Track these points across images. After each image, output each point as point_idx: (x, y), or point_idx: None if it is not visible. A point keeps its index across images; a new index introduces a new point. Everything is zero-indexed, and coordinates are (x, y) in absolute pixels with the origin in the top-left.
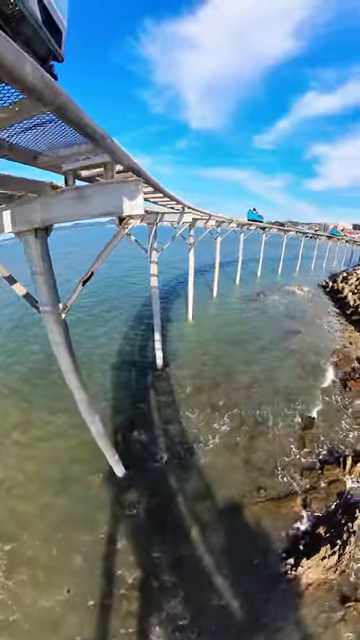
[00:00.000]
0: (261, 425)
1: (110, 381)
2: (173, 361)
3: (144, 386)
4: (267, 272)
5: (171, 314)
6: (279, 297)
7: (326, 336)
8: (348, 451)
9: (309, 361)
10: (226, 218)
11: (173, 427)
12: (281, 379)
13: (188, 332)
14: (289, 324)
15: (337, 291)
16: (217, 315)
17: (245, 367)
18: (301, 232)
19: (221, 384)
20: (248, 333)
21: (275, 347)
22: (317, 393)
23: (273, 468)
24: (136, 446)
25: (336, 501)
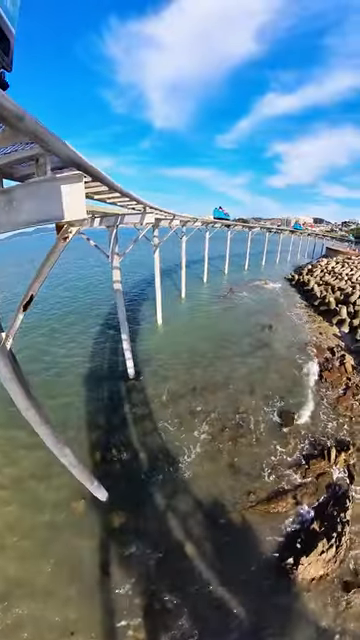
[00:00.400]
0: (242, 427)
1: (81, 398)
2: (145, 369)
3: (117, 399)
4: (234, 268)
5: (140, 319)
6: (248, 293)
7: (297, 329)
8: (331, 442)
9: (283, 356)
10: (190, 217)
11: (153, 440)
12: (257, 377)
13: (159, 337)
14: (260, 320)
15: (303, 283)
16: (187, 316)
17: (220, 368)
18: (265, 228)
19: (197, 388)
20: (220, 333)
21: (248, 345)
22: (293, 387)
23: (260, 470)
24: (116, 465)
25: (326, 494)
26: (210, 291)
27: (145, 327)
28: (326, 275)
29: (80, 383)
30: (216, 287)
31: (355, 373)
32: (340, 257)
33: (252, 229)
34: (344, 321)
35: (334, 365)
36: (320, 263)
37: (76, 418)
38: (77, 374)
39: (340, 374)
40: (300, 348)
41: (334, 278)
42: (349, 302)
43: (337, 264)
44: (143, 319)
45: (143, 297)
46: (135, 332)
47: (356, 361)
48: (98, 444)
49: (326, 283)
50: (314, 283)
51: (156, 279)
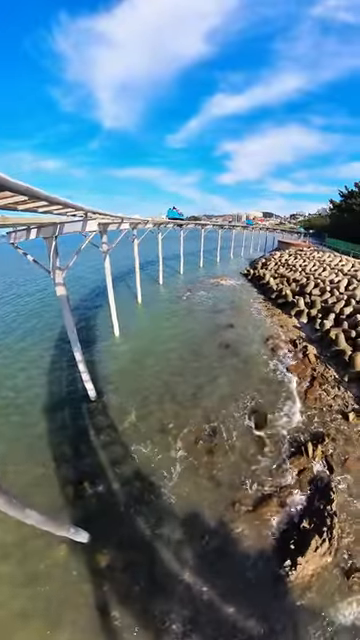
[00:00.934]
0: (216, 437)
1: (40, 431)
2: (107, 388)
3: (81, 426)
4: (189, 267)
5: (96, 333)
6: (205, 292)
7: (258, 324)
8: (306, 436)
9: (247, 354)
10: (141, 219)
11: (127, 467)
12: (223, 381)
13: (118, 350)
14: (220, 320)
15: (259, 277)
16: (145, 323)
17: (185, 376)
18: (217, 225)
19: (165, 402)
20: (182, 338)
21: (211, 348)
22: (261, 385)
23: (240, 478)
24: (92, 500)
25: (310, 489)
26: (167, 293)
27: (102, 341)
28: (280, 268)
29: (38, 414)
30: (173, 288)
31: (319, 362)
32: (292, 249)
33: (205, 227)
34: (302, 312)
35: (298, 357)
36: (274, 256)
37: (39, 453)
38: (33, 404)
39: (305, 366)
40: (262, 344)
41: (288, 270)
42: (305, 293)
43: (290, 256)
44: (99, 333)
45: (97, 308)
46: (91, 349)
47: (318, 350)
48: (68, 479)
49: (281, 276)
50: (269, 276)
51: (108, 288)
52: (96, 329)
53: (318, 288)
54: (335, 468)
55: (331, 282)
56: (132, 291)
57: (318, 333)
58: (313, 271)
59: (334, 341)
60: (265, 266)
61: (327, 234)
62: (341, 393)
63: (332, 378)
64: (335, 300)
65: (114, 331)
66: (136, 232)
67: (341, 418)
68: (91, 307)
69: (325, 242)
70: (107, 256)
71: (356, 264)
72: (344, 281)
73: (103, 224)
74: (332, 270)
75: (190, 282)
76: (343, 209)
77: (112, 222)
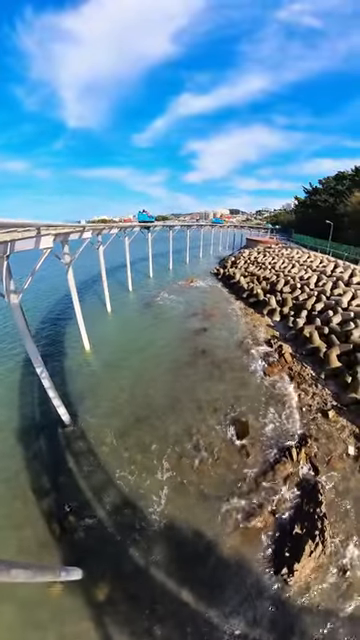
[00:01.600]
0: (199, 451)
1: (14, 461)
2: (81, 409)
3: (58, 454)
4: (159, 270)
5: (64, 349)
6: (176, 296)
7: (231, 326)
8: (289, 438)
9: (222, 358)
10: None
11: (112, 495)
12: (201, 390)
13: (89, 366)
14: (193, 324)
15: (230, 277)
16: (116, 334)
17: (161, 388)
18: (185, 225)
19: (143, 419)
20: (155, 347)
21: (186, 355)
22: (240, 392)
23: (228, 491)
24: (80, 534)
25: (298, 494)
26: (138, 300)
27: (72, 358)
28: (250, 266)
29: (10, 443)
30: (143, 294)
31: (295, 361)
32: (261, 246)
33: (173, 227)
34: (274, 310)
35: (274, 358)
36: (243, 254)
37: (16, 486)
38: (3, 432)
39: (281, 366)
40: (238, 347)
41: (258, 268)
42: (276, 291)
43: (259, 254)
44: (68, 348)
45: (66, 320)
46: (61, 367)
47: (293, 348)
48: (51, 514)
49: (252, 274)
50: (240, 275)
51: (74, 301)
52: (65, 344)
53: (289, 285)
54: (320, 468)
55: (301, 279)
56: (101, 299)
57: (292, 331)
58: (283, 268)
59: (308, 339)
60: (235, 265)
61: (293, 230)
62: (319, 391)
63: (309, 376)
64: (306, 297)
65: (84, 345)
66: (101, 238)
67: (321, 417)
68: (60, 319)
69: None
70: (70, 268)
71: (324, 260)
72: (314, 277)
73: (63, 234)
74: (301, 267)
75: (160, 286)
76: (308, 205)
77: (73, 231)
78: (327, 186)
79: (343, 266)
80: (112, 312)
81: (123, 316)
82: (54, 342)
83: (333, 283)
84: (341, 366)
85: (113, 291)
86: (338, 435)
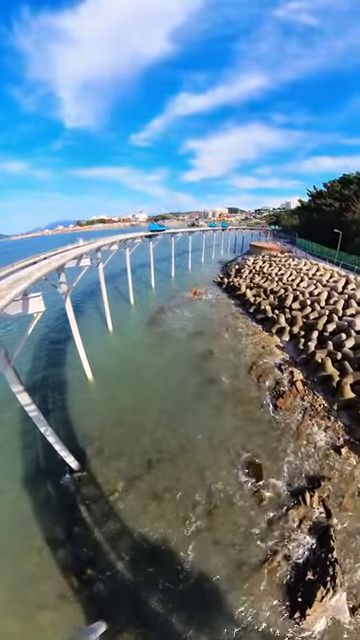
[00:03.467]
0: (213, 496)
1: (25, 512)
2: (89, 452)
3: (69, 503)
4: (161, 278)
5: (66, 381)
6: (180, 311)
7: (239, 348)
8: (303, 480)
9: (232, 389)
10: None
11: (126, 546)
12: (211, 427)
13: (93, 401)
14: (200, 346)
15: (234, 287)
16: (121, 360)
17: (170, 425)
18: (187, 231)
19: (154, 463)
20: (162, 375)
21: (194, 385)
22: (252, 428)
23: (243, 538)
24: (100, 587)
25: (311, 538)
26: (140, 316)
27: (75, 392)
28: (256, 276)
29: (19, 493)
30: (146, 309)
31: (307, 390)
32: (265, 253)
33: (175, 234)
34: (284, 330)
35: (285, 387)
36: (247, 262)
37: (30, 538)
38: (13, 482)
39: (293, 396)
40: (247, 374)
41: (264, 279)
42: (285, 307)
43: (264, 263)
44: (70, 380)
45: (65, 344)
46: (65, 403)
47: (304, 374)
48: (68, 566)
49: (257, 286)
50: (245, 287)
51: (74, 331)
52: (67, 375)
53: (298, 301)
54: (333, 511)
55: (311, 294)
56: (101, 315)
57: (303, 355)
58: (291, 281)
59: (320, 365)
60: (239, 274)
61: (297, 234)
62: (331, 424)
63: (321, 407)
64: (317, 315)
65: (86, 374)
66: (100, 255)
67: (334, 453)
68: (60, 343)
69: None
70: (67, 297)
71: (334, 274)
72: (324, 294)
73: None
74: (310, 281)
75: (163, 298)
76: (312, 209)
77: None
78: (332, 190)
79: (355, 282)
80: (113, 330)
81: (125, 336)
82: (55, 373)
83: (345, 301)
84: (355, 397)
85: (114, 305)
86: (351, 472)
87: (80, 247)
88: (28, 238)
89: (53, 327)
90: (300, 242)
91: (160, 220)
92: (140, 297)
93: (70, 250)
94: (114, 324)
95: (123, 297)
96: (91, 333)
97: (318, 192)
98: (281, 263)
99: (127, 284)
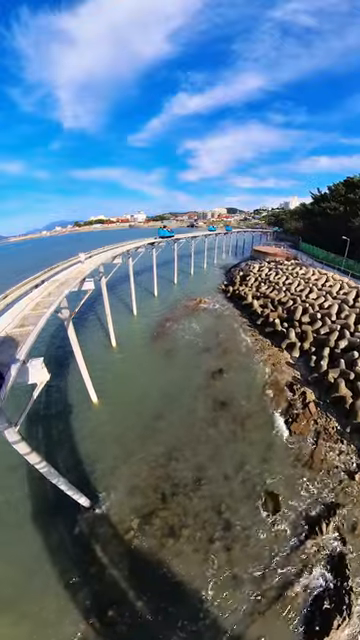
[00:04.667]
0: (230, 529)
1: (39, 552)
2: (100, 488)
3: (83, 542)
4: (164, 284)
5: (71, 406)
6: (185, 323)
7: (249, 365)
8: (318, 508)
9: (245, 413)
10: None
11: (147, 586)
12: (226, 456)
13: (99, 428)
14: (208, 362)
15: (240, 297)
16: (126, 382)
17: (182, 454)
18: (190, 236)
19: (168, 497)
20: (169, 397)
21: (204, 408)
22: (266, 454)
23: (260, 570)
24: (122, 629)
25: (326, 568)
26: (144, 329)
27: (80, 419)
28: (262, 285)
29: (29, 532)
30: (149, 320)
31: (319, 412)
32: (270, 259)
33: (178, 240)
34: (294, 345)
35: (298, 409)
36: (252, 270)
37: (46, 580)
38: (25, 521)
39: (306, 419)
40: (259, 396)
41: (271, 289)
42: (294, 320)
43: (270, 271)
44: (75, 404)
45: (68, 362)
46: (70, 430)
47: (316, 394)
48: (87, 608)
49: (264, 296)
50: (251, 296)
51: (76, 354)
52: (71, 398)
53: (308, 315)
54: (347, 538)
55: (320, 307)
56: (105, 330)
57: (315, 374)
58: (299, 292)
59: (333, 385)
60: (244, 281)
61: (301, 238)
62: (345, 447)
63: (334, 430)
64: (328, 330)
65: (91, 398)
66: (103, 269)
67: (348, 479)
68: (62, 365)
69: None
70: (69, 323)
71: (345, 285)
72: (334, 307)
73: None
74: (320, 292)
75: (167, 307)
76: (316, 213)
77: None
78: (336, 193)
79: None
80: (117, 347)
81: (130, 353)
82: (59, 399)
83: (356, 316)
84: None
85: (117, 316)
86: None
87: (82, 262)
88: (26, 240)
89: (53, 344)
90: (304, 247)
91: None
92: (143, 307)
93: (71, 267)
94: (118, 339)
95: (126, 307)
96: (94, 351)
97: (322, 195)
98: (288, 271)
99: (130, 294)
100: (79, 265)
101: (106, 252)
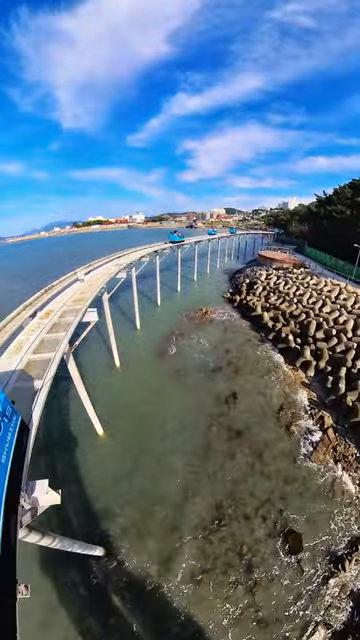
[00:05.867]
0: (252, 572)
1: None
2: (114, 533)
3: (101, 594)
4: (166, 292)
5: (75, 436)
6: (192, 337)
7: (263, 387)
8: (342, 545)
9: (261, 442)
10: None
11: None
12: (244, 491)
13: (107, 465)
14: (219, 385)
15: (248, 307)
16: (133, 410)
17: (200, 495)
18: (194, 241)
19: (186, 539)
20: (181, 429)
21: (220, 439)
22: (286, 488)
23: (286, 612)
24: None
25: (350, 604)
26: (149, 346)
27: (85, 452)
28: (271, 295)
29: (41, 576)
30: (154, 334)
31: (338, 438)
32: (277, 266)
33: (182, 246)
34: (309, 364)
35: (317, 435)
36: (259, 277)
37: (63, 632)
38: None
39: (325, 446)
40: (276, 422)
41: (281, 300)
42: (308, 336)
43: (279, 279)
44: (79, 434)
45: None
46: (76, 471)
47: (334, 417)
48: None
49: (275, 307)
50: (260, 307)
51: (82, 395)
52: (75, 432)
53: (322, 331)
54: None
55: (335, 322)
56: (107, 349)
57: (332, 396)
58: (312, 304)
59: (352, 409)
60: (251, 290)
61: (306, 242)
62: None
63: (354, 458)
64: (344, 348)
65: (96, 430)
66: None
67: None
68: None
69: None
70: (70, 356)
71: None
72: (350, 322)
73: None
74: (334, 305)
75: (171, 319)
76: (322, 216)
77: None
78: (343, 196)
79: None
80: (121, 367)
81: (136, 376)
82: (62, 434)
83: None
84: None
85: (119, 332)
86: None
87: (81, 280)
88: (24, 240)
89: None
90: (310, 252)
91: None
92: (146, 319)
93: (68, 289)
94: (121, 358)
95: (128, 320)
96: (97, 374)
97: (328, 198)
98: (298, 281)
99: (132, 306)
100: (78, 284)
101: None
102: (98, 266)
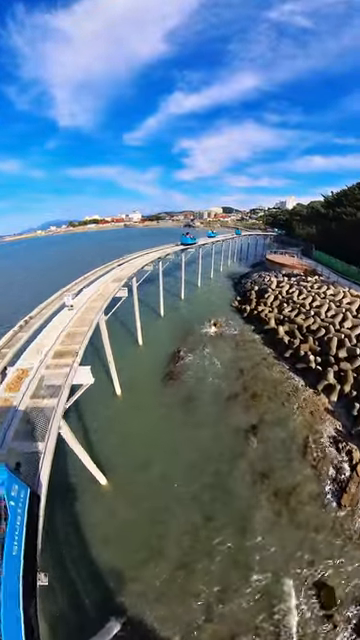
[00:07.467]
0: (283, 635)
1: None
2: (128, 600)
3: None
4: (170, 301)
5: (76, 488)
6: (200, 355)
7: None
8: None
9: (288, 486)
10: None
11: None
12: (271, 544)
13: (113, 521)
14: (237, 416)
15: (260, 319)
16: (138, 448)
17: (225, 553)
18: (199, 245)
19: (213, 605)
20: (196, 475)
21: (242, 484)
22: (315, 536)
23: None
24: None
25: None
26: (153, 366)
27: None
28: (285, 307)
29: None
30: (158, 352)
31: None
32: (286, 271)
33: (186, 251)
34: (332, 387)
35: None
36: (270, 285)
37: None
38: None
39: (355, 486)
40: (302, 460)
41: (297, 312)
42: (329, 355)
43: (292, 288)
44: (81, 488)
45: None
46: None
47: None
48: None
49: (290, 320)
50: (275, 321)
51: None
52: (76, 482)
53: (345, 349)
54: None
55: (358, 339)
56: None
57: (358, 426)
58: (331, 318)
59: None
60: (262, 300)
61: (314, 245)
62: None
63: None
64: None
65: (98, 480)
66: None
67: None
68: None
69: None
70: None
71: None
72: None
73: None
74: (356, 320)
75: (177, 332)
76: (330, 218)
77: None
78: (352, 197)
79: None
80: (123, 394)
81: (140, 406)
82: (63, 485)
83: None
84: None
85: (120, 350)
86: None
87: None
88: (21, 239)
89: None
90: (319, 256)
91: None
92: (149, 333)
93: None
94: (123, 384)
95: (129, 335)
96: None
97: (336, 199)
98: (314, 290)
99: (134, 319)
100: (65, 314)
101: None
102: (94, 278)
